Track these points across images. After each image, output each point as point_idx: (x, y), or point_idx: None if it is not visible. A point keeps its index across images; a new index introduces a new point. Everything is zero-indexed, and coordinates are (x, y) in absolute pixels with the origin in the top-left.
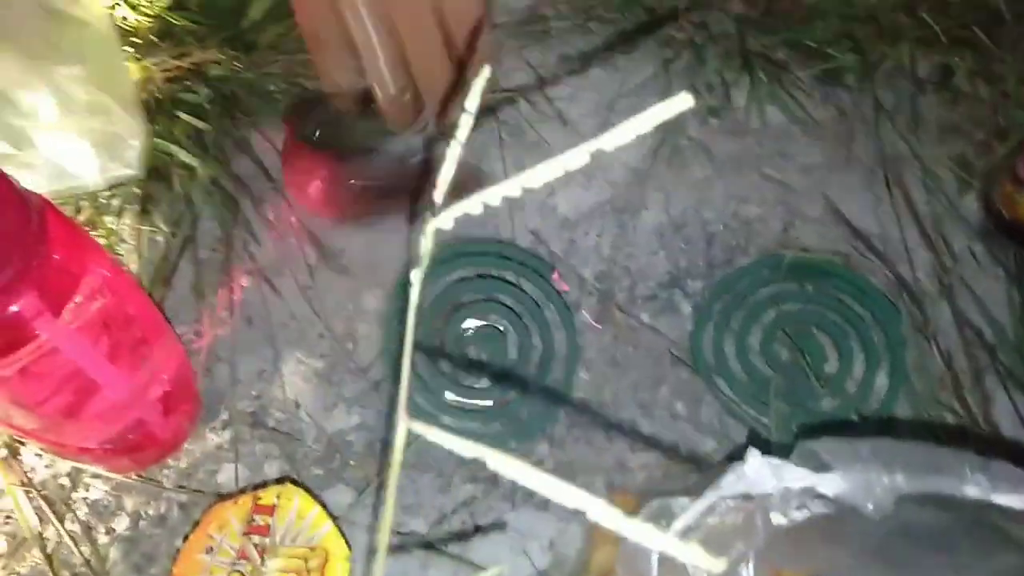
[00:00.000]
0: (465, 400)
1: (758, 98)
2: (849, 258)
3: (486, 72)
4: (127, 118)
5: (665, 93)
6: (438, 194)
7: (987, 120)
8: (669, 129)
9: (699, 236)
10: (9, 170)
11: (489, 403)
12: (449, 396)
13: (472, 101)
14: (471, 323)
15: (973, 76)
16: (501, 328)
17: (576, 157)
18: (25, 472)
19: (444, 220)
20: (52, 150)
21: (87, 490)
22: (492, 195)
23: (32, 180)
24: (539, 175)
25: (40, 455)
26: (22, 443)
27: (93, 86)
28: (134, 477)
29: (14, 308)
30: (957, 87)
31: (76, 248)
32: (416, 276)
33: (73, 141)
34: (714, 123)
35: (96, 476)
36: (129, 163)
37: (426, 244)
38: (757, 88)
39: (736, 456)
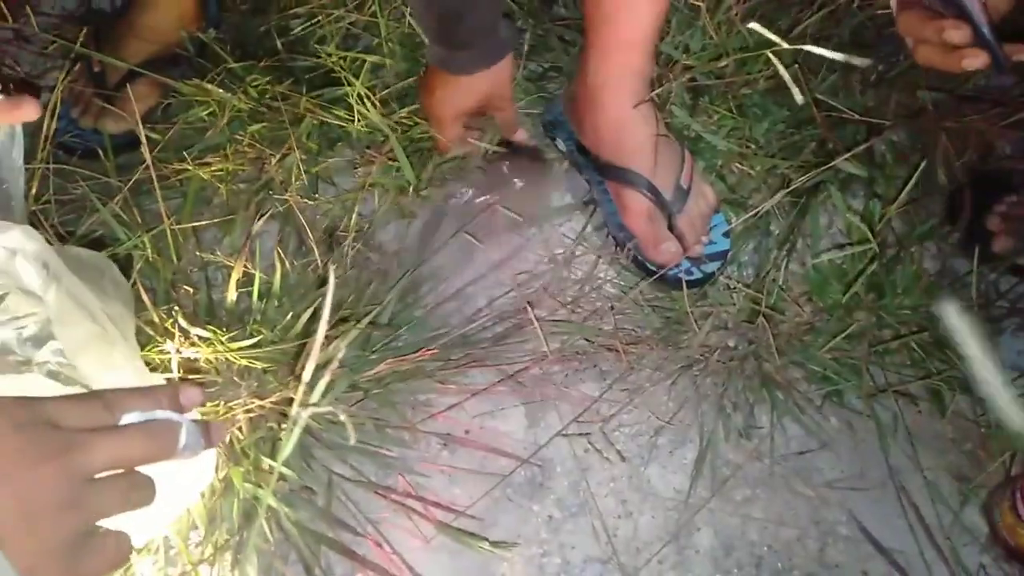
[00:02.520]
0: None
1: (779, 416)
2: None
3: None
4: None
5: (699, 414)
6: None
7: (972, 433)
8: (706, 452)
9: (748, 560)
10: None
11: None
12: None
13: None
14: None
15: (955, 394)
16: None
17: None
18: None
19: None
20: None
21: None
22: None
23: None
24: None
25: None
26: None
27: None
28: None
29: None
30: (944, 404)
31: None
32: None
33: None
34: (745, 444)
35: None
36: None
37: None
38: (777, 407)
39: None
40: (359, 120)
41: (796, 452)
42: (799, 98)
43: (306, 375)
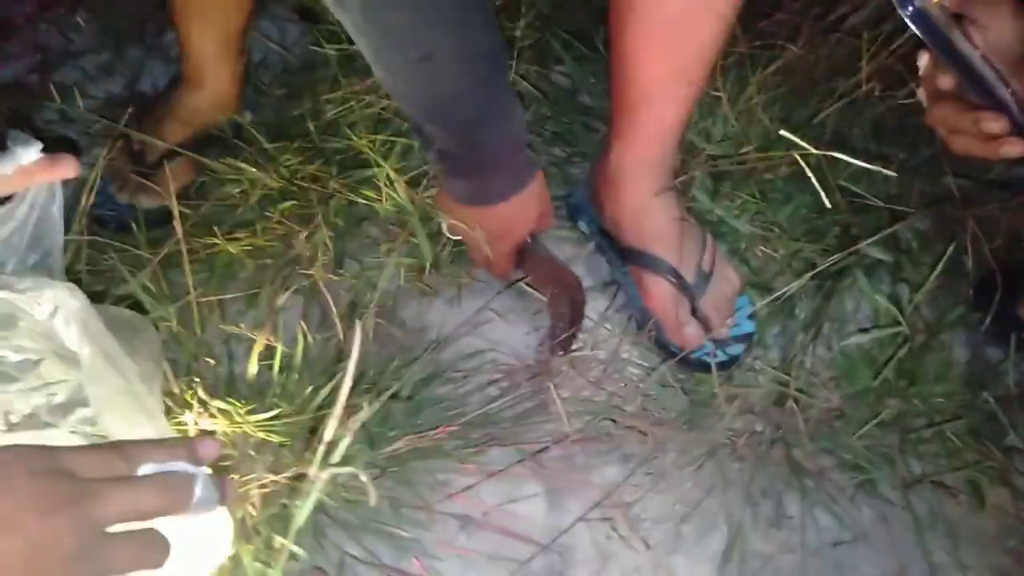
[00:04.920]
0: None
1: (809, 505)
2: None
3: None
4: None
5: (726, 502)
6: None
7: (1015, 530)
8: (734, 542)
9: None
10: None
11: None
12: None
13: None
14: None
15: (994, 486)
16: None
17: None
18: None
19: None
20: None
21: None
22: None
23: None
24: None
25: None
26: None
27: None
28: None
29: None
30: (983, 496)
31: None
32: None
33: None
34: (775, 534)
35: None
36: None
37: None
38: (807, 495)
39: None
40: (387, 200)
41: (829, 544)
42: (827, 202)
43: (327, 434)
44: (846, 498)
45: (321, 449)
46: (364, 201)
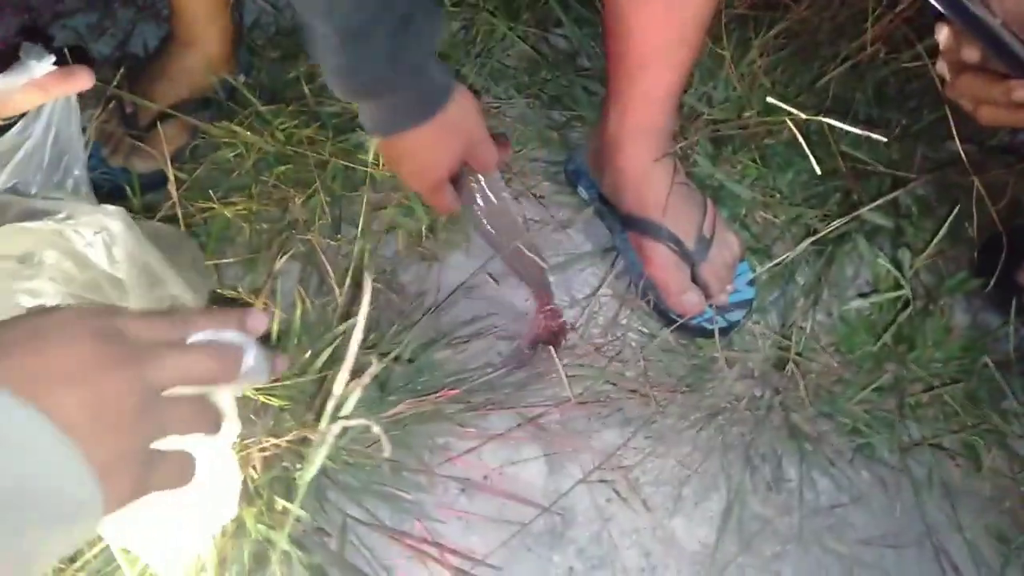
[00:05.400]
0: None
1: (808, 469)
2: None
3: None
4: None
5: (725, 465)
6: None
7: (1011, 491)
8: (733, 504)
9: None
10: None
11: None
12: None
13: None
14: None
15: (991, 449)
16: None
17: None
18: None
19: None
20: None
21: None
22: None
23: None
24: None
25: None
26: None
27: None
28: None
29: None
30: (980, 459)
31: None
32: None
33: None
34: (774, 497)
35: None
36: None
37: None
38: (806, 459)
39: None
40: (383, 164)
41: (827, 507)
42: (818, 169)
43: (337, 387)
44: (844, 461)
45: (331, 402)
46: (360, 166)
